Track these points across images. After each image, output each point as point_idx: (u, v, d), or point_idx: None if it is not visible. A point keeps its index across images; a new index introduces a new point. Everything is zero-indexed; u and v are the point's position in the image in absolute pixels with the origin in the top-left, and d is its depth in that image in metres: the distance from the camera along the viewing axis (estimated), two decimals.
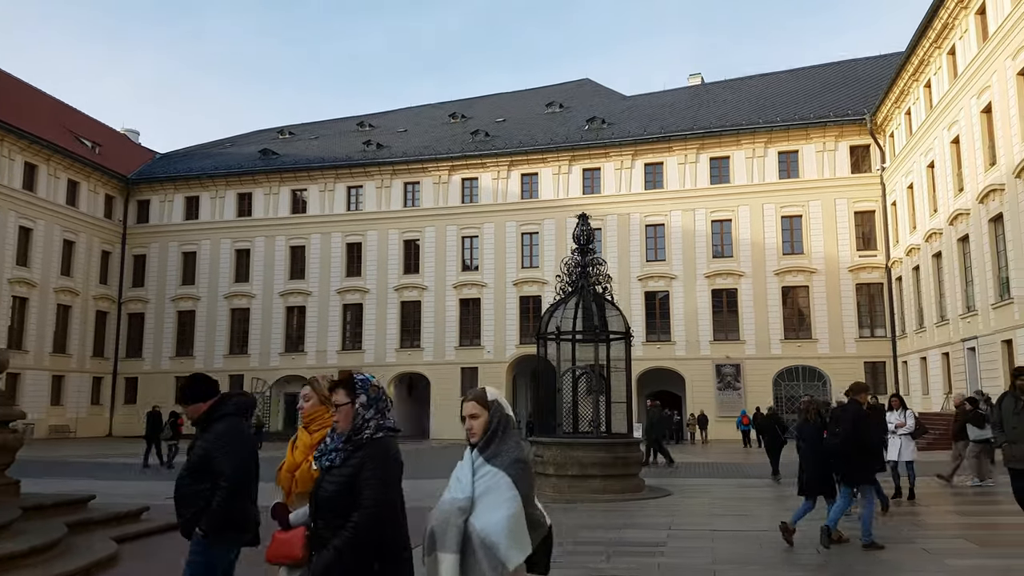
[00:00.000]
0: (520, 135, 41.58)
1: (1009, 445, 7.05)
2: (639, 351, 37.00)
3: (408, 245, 40.97)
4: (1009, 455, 7.09)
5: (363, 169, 41.84)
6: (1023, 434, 6.90)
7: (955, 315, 26.74)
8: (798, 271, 35.69)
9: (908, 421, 11.07)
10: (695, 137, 37.47)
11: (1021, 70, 21.10)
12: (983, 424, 12.44)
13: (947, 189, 27.32)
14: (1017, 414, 6.96)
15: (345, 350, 40.76)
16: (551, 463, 11.91)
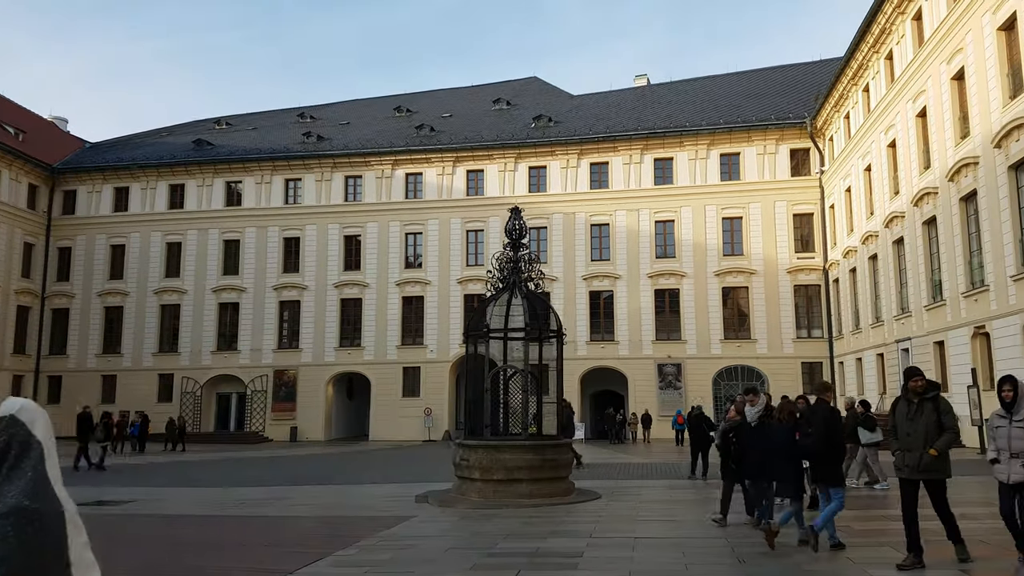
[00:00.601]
0: (466, 131, 40.98)
1: (902, 453, 6.72)
2: (583, 350, 37.09)
3: (349, 240, 39.95)
4: (900, 464, 6.75)
5: (302, 161, 40.65)
6: (917, 441, 6.56)
7: (890, 316, 27.15)
8: (738, 272, 36.00)
9: None
10: (640, 138, 37.51)
11: (955, 74, 21.42)
12: (874, 427, 12.38)
13: (883, 192, 27.72)
14: (911, 419, 6.64)
15: (281, 349, 39.55)
16: (476, 467, 11.36)
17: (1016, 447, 6.05)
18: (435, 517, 10.22)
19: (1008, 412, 6.14)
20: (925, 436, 6.56)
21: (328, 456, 27.25)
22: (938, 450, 6.49)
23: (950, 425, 6.64)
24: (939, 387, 7.04)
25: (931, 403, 6.66)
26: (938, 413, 6.60)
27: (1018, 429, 6.05)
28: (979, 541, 7.35)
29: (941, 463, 6.59)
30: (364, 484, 15.80)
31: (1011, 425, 6.08)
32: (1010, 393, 6.06)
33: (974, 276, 21.03)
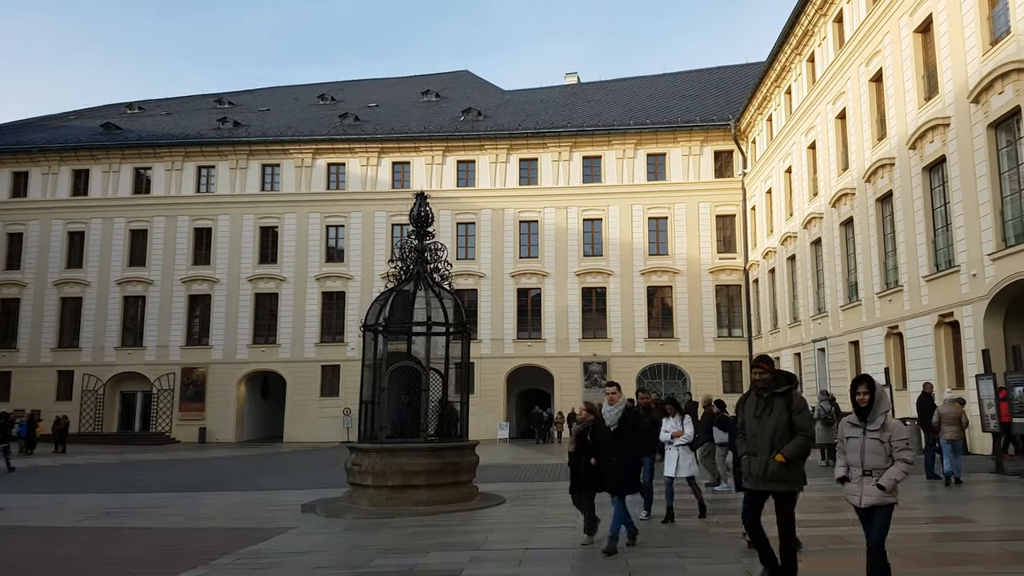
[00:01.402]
0: (393, 122, 39.88)
1: (748, 458, 5.72)
2: (510, 349, 36.56)
3: (265, 232, 38.27)
4: (747, 471, 5.74)
5: (216, 148, 38.75)
6: (764, 444, 5.57)
7: (807, 316, 27.41)
8: (663, 272, 36.11)
9: (686, 429, 9.36)
10: (569, 135, 37.24)
11: (873, 76, 21.59)
12: (726, 427, 12.16)
13: (803, 194, 27.98)
14: (758, 418, 5.66)
15: (190, 345, 37.57)
16: (369, 472, 10.45)
17: (870, 463, 4.95)
18: (317, 529, 9.29)
19: (862, 420, 5.04)
20: (773, 438, 5.55)
21: (233, 459, 25.79)
22: (786, 456, 5.49)
23: (803, 427, 5.59)
24: (794, 380, 5.90)
25: (782, 399, 5.62)
26: (790, 411, 5.58)
27: (873, 441, 4.96)
28: None
29: (791, 471, 5.57)
30: (258, 490, 14.67)
31: (865, 436, 4.99)
32: (866, 397, 4.98)
33: (888, 277, 21.24)
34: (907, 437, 5.04)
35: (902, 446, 4.96)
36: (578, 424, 7.67)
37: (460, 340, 11.75)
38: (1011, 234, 15.52)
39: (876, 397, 5.01)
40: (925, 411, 13.42)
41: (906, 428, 5.04)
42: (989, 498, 10.60)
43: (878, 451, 4.95)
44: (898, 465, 4.92)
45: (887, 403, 5.10)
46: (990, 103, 15.72)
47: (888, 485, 4.88)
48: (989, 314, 16.04)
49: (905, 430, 5.03)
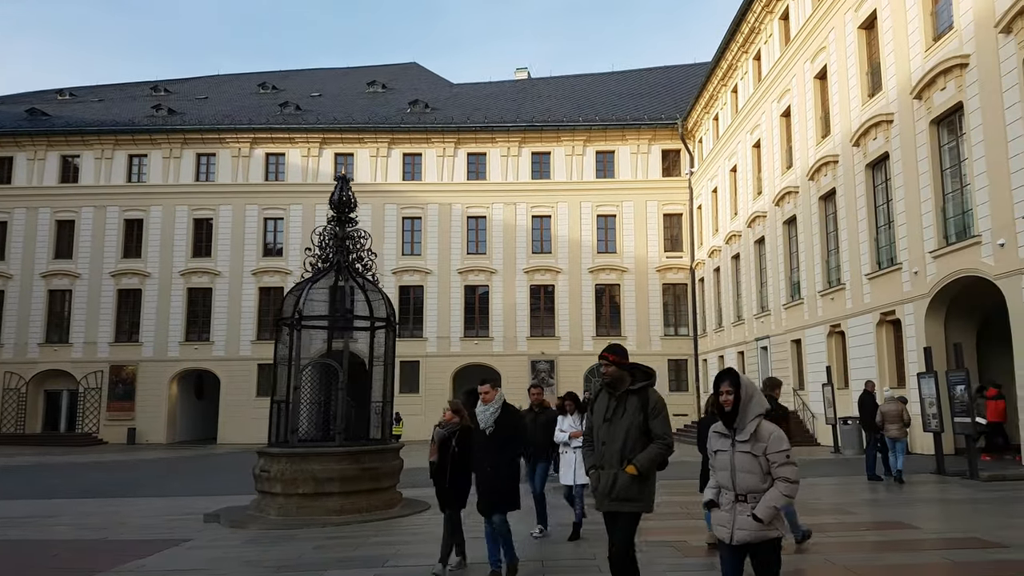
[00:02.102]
0: (336, 112, 38.68)
1: (596, 472, 4.64)
2: (456, 347, 35.78)
3: (199, 224, 36.68)
4: (593, 486, 4.69)
5: (149, 136, 36.99)
6: (615, 454, 4.53)
7: (750, 315, 27.32)
8: (611, 270, 35.81)
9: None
10: (518, 130, 36.64)
11: (818, 73, 21.46)
12: None
13: (747, 192, 27.89)
14: (608, 421, 4.60)
15: (119, 342, 35.78)
16: (278, 479, 9.57)
17: (743, 484, 3.81)
18: (214, 541, 8.42)
19: (730, 428, 3.91)
20: (624, 447, 4.51)
21: (159, 461, 24.45)
22: (639, 467, 4.43)
23: (660, 432, 4.54)
24: (652, 376, 4.72)
25: (637, 399, 4.56)
26: (645, 414, 4.52)
27: (744, 456, 3.83)
28: None
29: (642, 487, 4.50)
30: (170, 496, 13.65)
31: (734, 449, 3.86)
32: (729, 398, 3.83)
33: (831, 275, 21.14)
34: (787, 448, 3.81)
35: (782, 460, 3.77)
36: (440, 428, 6.44)
37: (385, 335, 10.90)
38: (952, 231, 15.42)
39: (743, 398, 3.83)
40: (867, 410, 13.14)
41: (785, 437, 3.84)
42: (931, 500, 10.27)
43: (752, 468, 3.79)
44: (778, 486, 3.74)
45: (760, 404, 3.88)
46: (933, 99, 15.59)
47: (765, 515, 3.69)
48: (931, 312, 15.92)
49: (784, 439, 3.83)
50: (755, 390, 3.92)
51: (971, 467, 11.72)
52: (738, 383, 3.88)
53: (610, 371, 4.63)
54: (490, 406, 6.13)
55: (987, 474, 11.44)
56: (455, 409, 6.46)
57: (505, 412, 6.17)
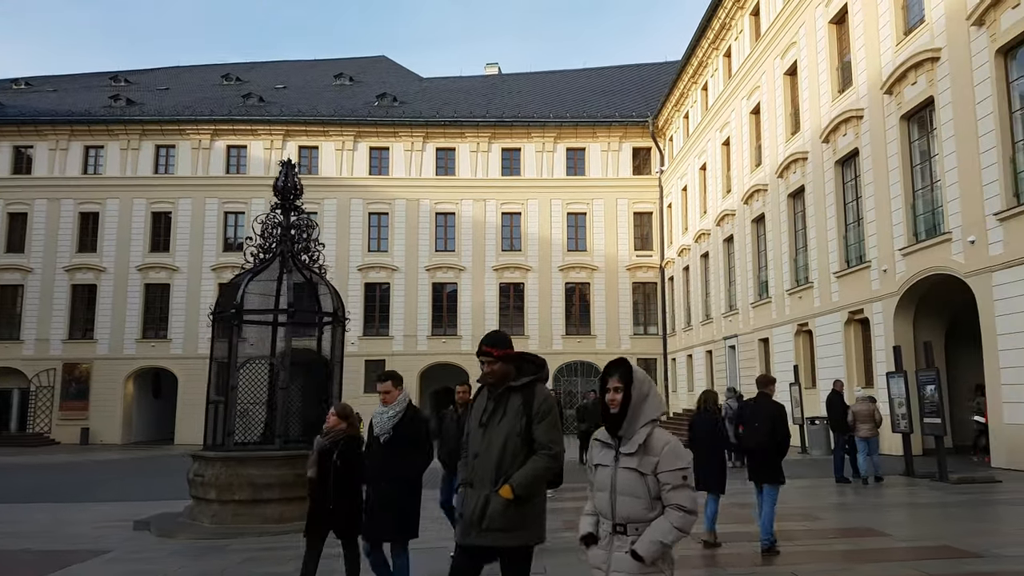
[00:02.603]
0: (300, 104, 37.76)
1: (465, 491, 3.60)
2: (424, 345, 35.11)
3: (158, 217, 35.59)
4: (458, 508, 3.71)
5: (105, 127, 35.80)
6: (488, 468, 3.50)
7: (718, 314, 27.08)
8: (581, 268, 35.45)
9: None
10: (488, 125, 36.06)
11: (788, 69, 21.19)
12: None
13: (716, 190, 27.64)
14: (484, 426, 3.59)
15: (73, 340, 34.56)
16: (213, 485, 8.90)
17: (624, 510, 2.86)
18: (137, 552, 7.76)
19: (615, 436, 2.95)
20: (501, 460, 3.49)
21: (110, 463, 23.50)
22: (516, 488, 3.39)
23: (545, 440, 3.48)
24: (541, 369, 3.72)
25: (520, 397, 3.54)
26: (529, 416, 3.50)
27: (629, 473, 2.87)
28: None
29: (522, 513, 3.43)
30: (105, 501, 12.88)
31: (617, 464, 2.91)
32: (617, 397, 2.88)
33: (799, 274, 20.89)
34: (684, 467, 2.86)
35: (675, 481, 2.82)
36: (322, 438, 5.30)
37: (332, 331, 10.26)
38: (922, 228, 15.18)
39: (634, 397, 2.90)
40: (835, 410, 12.77)
41: (683, 452, 2.90)
42: (901, 505, 9.90)
43: (636, 490, 2.84)
44: (668, 516, 2.79)
45: (655, 407, 2.94)
46: (903, 94, 15.33)
47: (648, 552, 2.78)
48: (900, 311, 15.67)
49: (683, 454, 2.89)
50: (651, 388, 2.97)
51: (940, 469, 11.41)
52: (629, 378, 2.94)
53: (495, 370, 3.58)
54: (390, 408, 4.99)
55: (956, 476, 11.13)
56: (341, 414, 5.37)
57: (408, 417, 5.00)
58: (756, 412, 7.21)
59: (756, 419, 7.11)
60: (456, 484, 3.93)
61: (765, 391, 7.38)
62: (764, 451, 6.98)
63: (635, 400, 2.90)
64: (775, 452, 6.96)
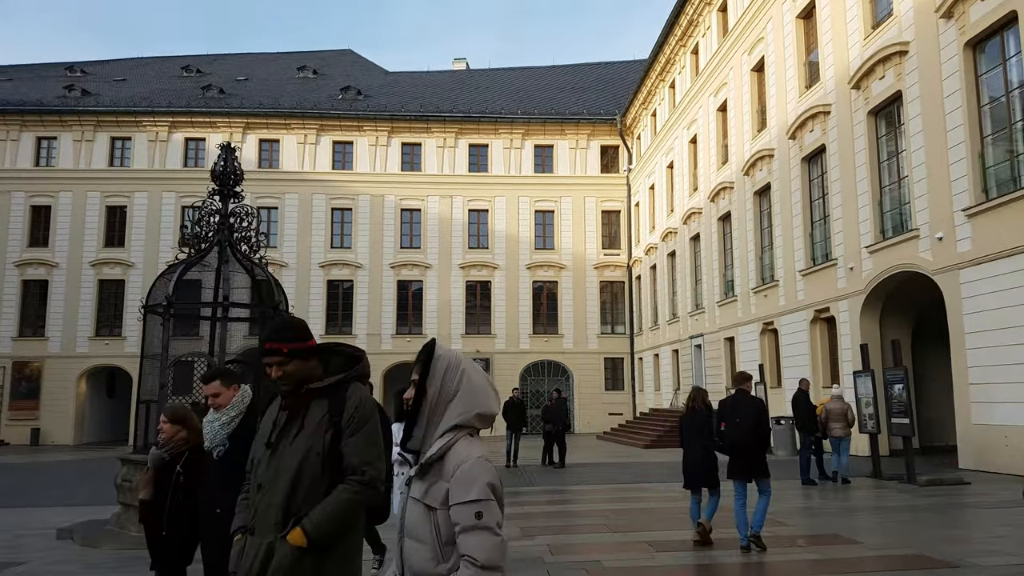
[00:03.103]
0: (262, 96, 36.80)
1: (244, 538, 2.56)
2: (388, 344, 34.40)
3: (113, 211, 34.42)
4: (233, 564, 2.61)
5: (59, 117, 34.54)
6: (274, 507, 2.48)
7: (685, 313, 26.85)
8: (549, 266, 35.06)
9: None
10: (454, 120, 35.48)
11: (755, 65, 20.97)
12: None
13: (683, 188, 27.43)
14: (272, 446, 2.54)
15: (23, 337, 33.27)
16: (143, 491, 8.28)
17: (411, 562, 1.99)
18: (52, 565, 7.14)
19: (409, 454, 2.10)
20: (292, 492, 2.48)
21: (58, 465, 22.50)
22: (308, 532, 2.42)
23: (357, 462, 2.52)
24: (357, 362, 2.72)
25: (326, 404, 2.57)
26: (337, 428, 2.54)
27: (415, 503, 2.04)
28: None
29: (317, 570, 2.45)
30: (44, 507, 12.11)
31: (408, 492, 2.09)
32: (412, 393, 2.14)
33: (765, 272, 20.68)
34: (480, 498, 1.91)
35: (467, 521, 1.91)
36: (158, 450, 4.24)
37: None
38: (889, 226, 14.99)
39: (430, 394, 2.03)
40: (802, 409, 12.43)
41: (487, 470, 1.97)
42: (869, 508, 9.58)
43: (422, 532, 1.99)
44: (464, 571, 1.89)
45: (471, 404, 2.05)
46: (871, 89, 15.13)
47: None
48: (866, 309, 15.47)
49: (480, 478, 1.94)
50: (462, 380, 2.05)
51: (908, 471, 11.15)
52: (429, 361, 2.07)
53: (287, 371, 2.53)
54: (223, 413, 3.74)
55: (925, 478, 10.87)
56: (174, 418, 4.23)
57: (248, 424, 3.69)
58: (737, 409, 7.13)
59: (737, 415, 7.04)
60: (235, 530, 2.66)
61: (743, 387, 7.32)
62: (748, 448, 6.95)
63: (432, 397, 2.01)
64: (761, 447, 7.00)
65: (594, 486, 12.52)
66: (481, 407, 2.06)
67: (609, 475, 14.17)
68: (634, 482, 12.76)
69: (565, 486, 12.62)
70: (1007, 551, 6.49)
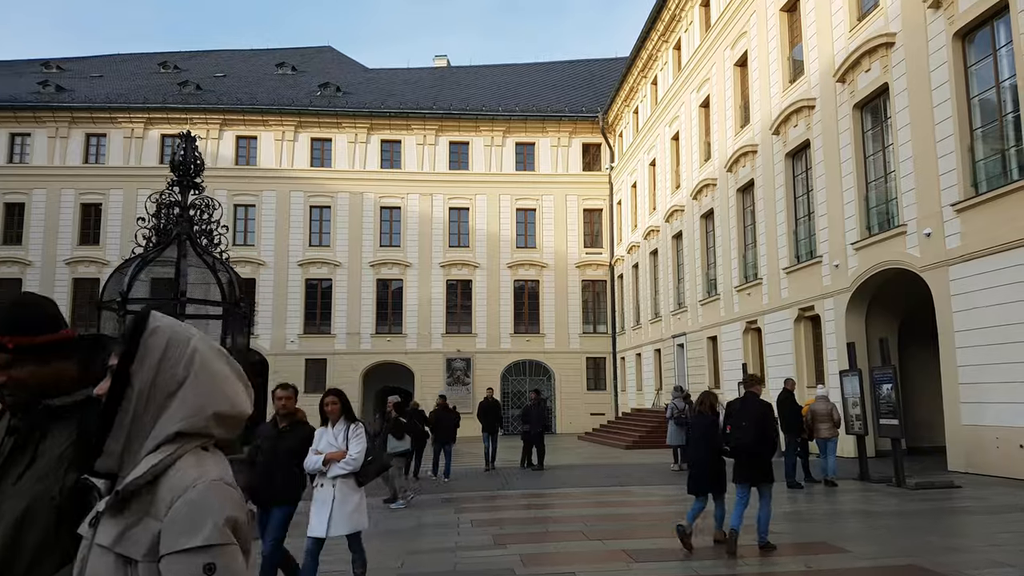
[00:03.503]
0: (239, 93, 36.15)
1: None
2: (367, 344, 33.84)
3: (88, 209, 33.66)
4: None
5: (32, 113, 33.77)
6: None
7: (667, 312, 26.52)
8: (530, 265, 34.64)
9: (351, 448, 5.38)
10: (435, 117, 34.97)
11: (738, 60, 20.64)
12: (402, 435, 10.87)
13: (666, 186, 27.09)
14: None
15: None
16: None
17: None
18: None
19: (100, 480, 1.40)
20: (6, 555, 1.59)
21: None
22: None
23: None
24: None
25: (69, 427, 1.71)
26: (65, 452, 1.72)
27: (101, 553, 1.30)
28: None
29: None
30: None
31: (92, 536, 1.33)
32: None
33: (748, 270, 20.36)
34: (220, 542, 1.26)
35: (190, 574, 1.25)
36: None
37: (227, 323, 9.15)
38: (875, 222, 14.67)
39: (137, 386, 1.34)
40: (787, 410, 12.04)
41: (225, 500, 1.30)
42: (858, 513, 9.17)
43: None
44: None
45: (200, 400, 1.37)
46: (856, 82, 14.81)
47: None
48: (852, 307, 15.14)
49: (218, 508, 1.28)
50: (191, 363, 1.39)
51: (897, 473, 10.79)
52: (137, 343, 1.36)
53: (15, 377, 1.70)
54: None
55: (914, 481, 10.52)
56: None
57: None
58: (743, 412, 7.05)
59: (743, 419, 6.96)
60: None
61: (752, 390, 7.26)
62: (752, 451, 6.87)
63: (140, 390, 1.35)
64: (767, 451, 6.93)
65: (572, 489, 12.10)
66: (220, 404, 1.38)
67: (589, 478, 13.76)
68: (614, 485, 12.37)
69: (542, 489, 12.19)
70: (1009, 562, 6.09)
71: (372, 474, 5.53)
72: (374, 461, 5.54)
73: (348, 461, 5.30)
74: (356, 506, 5.38)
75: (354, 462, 5.30)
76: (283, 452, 5.30)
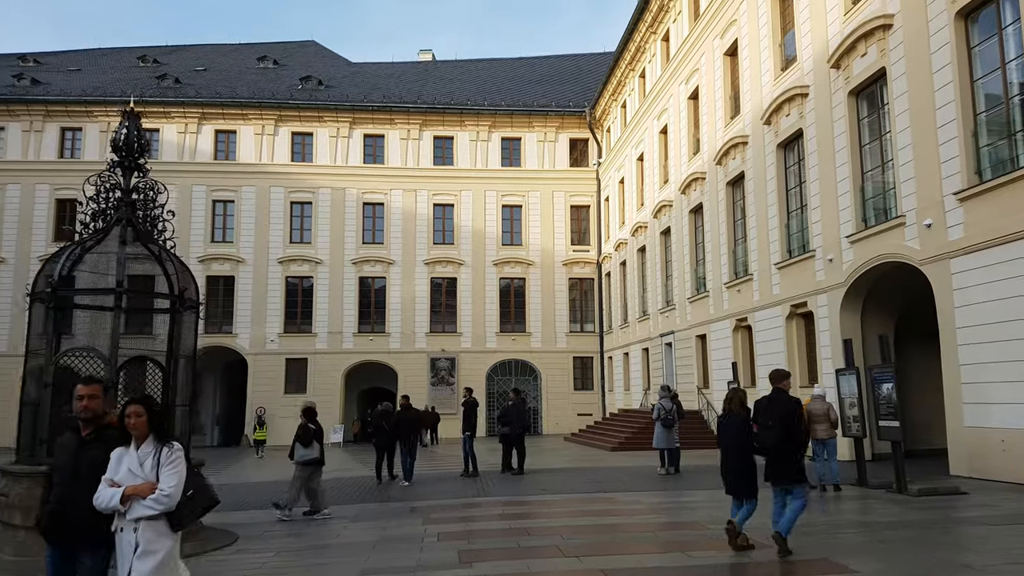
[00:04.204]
0: (219, 86, 35.36)
1: None
2: (349, 343, 33.05)
3: (63, 205, 32.87)
4: None
5: (6, 107, 33.04)
6: None
7: (655, 310, 25.91)
8: (516, 263, 34.02)
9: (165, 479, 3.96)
10: (418, 111, 34.28)
11: (728, 49, 20.01)
12: (310, 442, 10.27)
13: (654, 181, 26.47)
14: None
15: None
16: (18, 506, 7.02)
17: None
18: None
19: None
20: None
21: None
22: None
23: None
24: None
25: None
26: None
27: None
28: None
29: None
30: None
31: None
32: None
33: (738, 266, 19.74)
34: None
35: None
36: None
37: (174, 317, 8.42)
38: (871, 214, 14.03)
39: None
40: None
41: None
42: (859, 524, 8.44)
43: None
44: None
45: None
46: (852, 67, 14.17)
47: None
48: (846, 303, 14.50)
49: None
50: None
51: (899, 479, 10.12)
52: None
53: None
54: None
55: (917, 487, 9.87)
56: None
57: None
58: (770, 410, 6.79)
59: (769, 417, 6.73)
60: None
61: (780, 386, 6.94)
62: (778, 451, 6.67)
63: None
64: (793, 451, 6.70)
65: (552, 496, 11.39)
66: None
67: (571, 483, 13.07)
68: (597, 492, 11.68)
69: (520, 496, 11.47)
70: None
71: (193, 515, 3.97)
72: (195, 497, 3.91)
73: (158, 499, 3.77)
74: (162, 562, 3.77)
75: (167, 499, 3.78)
76: (87, 468, 3.95)
